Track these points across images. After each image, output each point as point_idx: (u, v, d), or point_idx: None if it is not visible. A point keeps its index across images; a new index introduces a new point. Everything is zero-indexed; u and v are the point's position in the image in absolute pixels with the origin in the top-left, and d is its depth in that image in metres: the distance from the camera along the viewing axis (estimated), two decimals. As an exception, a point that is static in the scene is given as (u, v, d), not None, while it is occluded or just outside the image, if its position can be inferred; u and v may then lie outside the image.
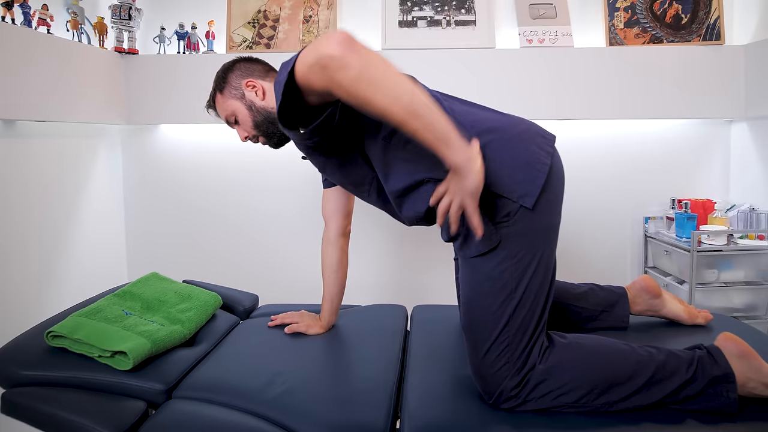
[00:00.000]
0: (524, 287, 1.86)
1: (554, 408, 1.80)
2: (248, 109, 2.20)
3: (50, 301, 3.17)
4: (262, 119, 2.20)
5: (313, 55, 1.57)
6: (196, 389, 1.99)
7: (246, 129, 2.25)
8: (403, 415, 1.84)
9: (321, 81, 1.59)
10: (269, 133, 2.23)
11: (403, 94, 1.57)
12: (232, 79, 2.23)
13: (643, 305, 2.41)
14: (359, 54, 1.53)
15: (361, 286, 3.88)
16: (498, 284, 1.86)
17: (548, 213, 1.93)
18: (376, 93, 1.55)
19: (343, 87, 1.56)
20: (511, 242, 1.86)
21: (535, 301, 1.88)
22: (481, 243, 1.86)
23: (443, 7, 3.74)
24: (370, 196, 2.15)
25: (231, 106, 2.23)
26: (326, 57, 1.54)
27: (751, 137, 3.69)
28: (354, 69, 1.53)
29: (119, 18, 3.61)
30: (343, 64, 1.52)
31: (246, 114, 2.21)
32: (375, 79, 1.55)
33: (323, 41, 1.55)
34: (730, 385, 1.75)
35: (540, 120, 1.99)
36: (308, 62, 1.59)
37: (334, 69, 1.54)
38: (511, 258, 1.86)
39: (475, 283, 1.91)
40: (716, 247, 3.39)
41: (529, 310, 1.86)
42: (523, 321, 1.85)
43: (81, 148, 3.55)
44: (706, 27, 3.69)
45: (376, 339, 2.40)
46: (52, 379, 1.95)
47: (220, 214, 4.04)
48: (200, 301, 2.50)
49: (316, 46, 1.56)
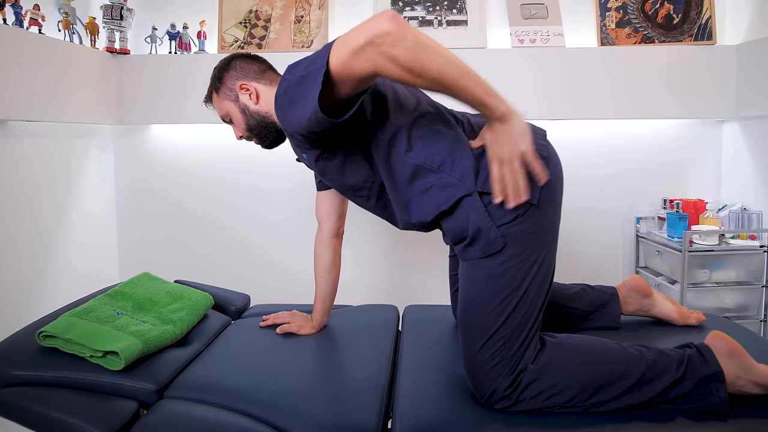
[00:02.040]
0: (526, 286, 1.86)
1: (546, 408, 1.81)
2: (242, 113, 2.20)
3: (42, 301, 3.16)
4: (255, 123, 2.20)
5: (362, 37, 1.59)
6: (187, 389, 1.98)
7: (240, 130, 2.26)
8: (395, 415, 1.84)
9: (369, 63, 1.61)
10: (262, 135, 2.24)
11: (453, 57, 1.66)
12: (227, 79, 2.22)
13: (634, 305, 2.42)
14: (408, 26, 1.60)
15: (353, 286, 3.89)
16: (501, 282, 1.86)
17: (552, 210, 1.95)
18: (434, 57, 1.62)
19: (401, 59, 1.59)
20: (517, 241, 1.86)
21: (534, 300, 1.88)
22: (486, 247, 1.87)
23: (435, 7, 3.75)
24: (369, 201, 2.14)
25: (226, 107, 2.24)
26: (382, 34, 1.57)
27: (743, 137, 3.69)
28: (410, 40, 1.58)
29: (111, 18, 3.61)
30: (400, 36, 1.57)
31: (240, 117, 2.22)
32: (429, 46, 1.62)
33: (373, 23, 1.59)
34: (719, 383, 1.76)
35: (532, 120, 1.99)
36: (355, 46, 1.60)
37: (390, 44, 1.57)
38: (517, 257, 1.86)
39: (478, 281, 1.91)
40: (708, 247, 3.40)
41: (528, 309, 1.86)
42: (522, 320, 1.85)
43: (73, 148, 3.55)
44: (698, 27, 3.70)
45: (368, 339, 2.40)
46: (43, 379, 1.95)
47: (211, 215, 4.04)
48: (192, 301, 2.50)
49: (365, 29, 1.59)
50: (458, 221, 1.90)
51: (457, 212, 1.90)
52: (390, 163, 1.95)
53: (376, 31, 1.57)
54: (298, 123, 1.79)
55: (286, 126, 1.87)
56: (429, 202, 1.94)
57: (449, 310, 2.57)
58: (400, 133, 1.91)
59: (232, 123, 2.28)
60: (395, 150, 1.92)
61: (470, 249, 1.91)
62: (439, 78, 1.64)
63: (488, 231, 1.84)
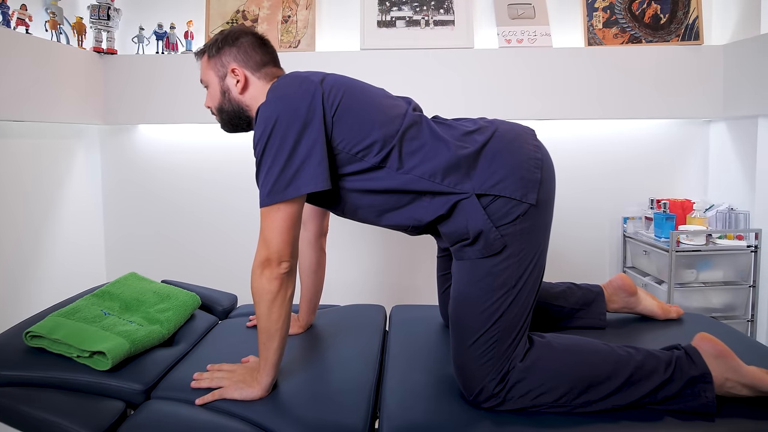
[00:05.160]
0: (521, 285, 1.88)
1: (534, 408, 1.81)
2: (221, 94, 2.12)
3: (29, 301, 3.16)
4: (229, 108, 2.13)
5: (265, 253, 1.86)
6: (174, 389, 1.98)
7: (211, 103, 2.17)
8: (382, 416, 1.84)
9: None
10: (230, 122, 2.17)
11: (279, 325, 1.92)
12: (224, 53, 2.11)
13: (619, 303, 2.44)
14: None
15: (340, 286, 3.89)
16: (499, 280, 1.87)
17: (546, 210, 1.96)
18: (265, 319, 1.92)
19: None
20: (516, 241, 1.87)
21: (528, 298, 1.89)
22: (486, 248, 1.87)
23: (422, 7, 3.75)
24: (345, 215, 2.13)
25: (209, 76, 2.14)
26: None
27: (730, 137, 3.70)
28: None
29: (98, 18, 3.61)
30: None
31: (217, 94, 2.13)
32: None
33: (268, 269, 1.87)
34: (707, 385, 1.77)
35: (519, 120, 2.00)
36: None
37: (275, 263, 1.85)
38: (515, 256, 1.87)
39: (474, 279, 1.90)
40: (695, 247, 3.42)
41: (521, 307, 1.87)
42: (514, 318, 1.86)
43: (59, 148, 3.54)
44: (685, 27, 3.71)
45: (355, 339, 2.40)
46: (30, 380, 1.94)
47: (199, 215, 4.04)
48: (179, 301, 2.49)
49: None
50: (457, 225, 1.91)
51: (455, 215, 1.91)
52: (383, 183, 1.94)
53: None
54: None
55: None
56: (426, 210, 1.94)
57: (437, 311, 2.57)
58: (392, 152, 1.90)
59: (207, 89, 2.20)
60: (387, 170, 1.92)
61: (468, 249, 1.91)
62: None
63: (488, 232, 1.85)
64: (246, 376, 1.98)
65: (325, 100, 1.88)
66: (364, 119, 1.90)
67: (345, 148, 1.88)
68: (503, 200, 1.86)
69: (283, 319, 1.89)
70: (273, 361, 1.91)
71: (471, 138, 1.94)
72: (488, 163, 1.88)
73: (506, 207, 1.86)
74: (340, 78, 2.00)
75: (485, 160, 1.89)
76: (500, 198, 1.86)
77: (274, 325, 1.89)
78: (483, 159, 1.89)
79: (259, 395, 1.90)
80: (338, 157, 1.90)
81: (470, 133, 1.96)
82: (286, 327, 1.92)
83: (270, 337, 1.90)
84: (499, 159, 1.89)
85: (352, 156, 1.89)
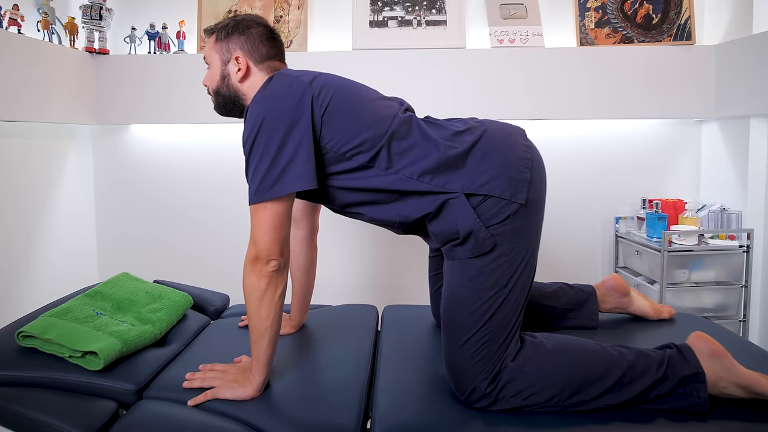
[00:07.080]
0: (513, 284, 1.88)
1: (526, 407, 1.81)
2: (221, 78, 2.12)
3: (21, 301, 3.15)
4: (226, 93, 2.13)
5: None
6: (166, 389, 1.98)
7: (209, 83, 2.17)
8: (374, 416, 1.84)
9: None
10: (225, 106, 2.17)
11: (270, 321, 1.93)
12: (232, 40, 2.11)
13: (612, 303, 2.45)
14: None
15: (332, 286, 3.88)
16: (490, 280, 1.87)
17: (537, 209, 1.96)
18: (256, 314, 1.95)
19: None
20: (506, 240, 1.87)
21: (519, 297, 1.90)
22: (476, 248, 1.87)
23: (414, 7, 3.75)
24: (335, 210, 2.14)
25: (213, 58, 2.14)
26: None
27: (722, 137, 3.71)
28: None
29: (90, 18, 3.60)
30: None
31: (217, 77, 2.13)
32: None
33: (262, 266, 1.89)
34: (700, 384, 1.77)
35: (511, 120, 2.00)
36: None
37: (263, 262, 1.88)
38: (506, 255, 1.88)
39: (466, 279, 1.90)
40: (687, 247, 3.42)
41: (512, 306, 1.88)
42: (505, 317, 1.86)
43: (51, 148, 3.54)
44: (677, 27, 3.71)
45: (347, 339, 2.40)
46: (22, 380, 1.94)
47: (191, 215, 4.03)
48: (171, 301, 2.49)
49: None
50: (446, 224, 1.91)
51: (445, 215, 1.91)
52: (371, 182, 1.95)
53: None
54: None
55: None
56: (413, 207, 1.95)
57: (428, 310, 2.57)
58: (380, 152, 1.91)
59: (208, 68, 2.19)
60: (376, 169, 1.92)
61: (459, 249, 1.91)
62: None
63: (478, 232, 1.85)
64: (238, 376, 1.98)
65: (315, 101, 1.88)
66: (353, 119, 1.90)
67: (334, 147, 1.89)
68: (493, 200, 1.86)
69: (272, 316, 1.90)
70: (264, 360, 1.91)
71: (461, 138, 1.94)
72: (477, 163, 1.89)
73: (496, 207, 1.86)
74: (332, 78, 2.01)
75: (474, 160, 1.89)
76: (490, 198, 1.86)
77: (263, 323, 1.89)
78: (472, 159, 1.89)
79: (251, 395, 1.90)
80: (327, 156, 1.91)
81: (460, 133, 1.96)
82: (276, 325, 1.92)
83: (260, 335, 1.90)
84: (488, 159, 1.89)
85: (341, 155, 1.90)
